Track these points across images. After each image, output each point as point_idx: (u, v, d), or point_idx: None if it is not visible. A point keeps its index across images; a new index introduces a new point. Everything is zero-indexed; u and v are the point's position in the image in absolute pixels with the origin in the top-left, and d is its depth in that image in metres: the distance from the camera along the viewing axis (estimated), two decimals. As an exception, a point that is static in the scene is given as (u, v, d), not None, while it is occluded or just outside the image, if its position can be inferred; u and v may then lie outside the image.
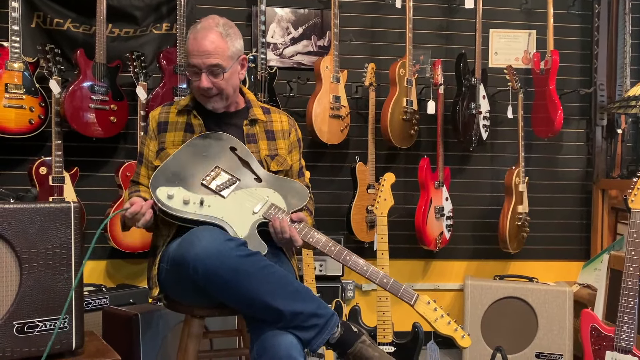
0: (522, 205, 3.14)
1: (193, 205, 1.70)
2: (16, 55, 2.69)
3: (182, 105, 1.90)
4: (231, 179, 1.79)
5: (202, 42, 1.75)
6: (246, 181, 1.80)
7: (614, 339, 2.19)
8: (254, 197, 1.77)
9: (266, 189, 1.80)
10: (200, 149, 1.81)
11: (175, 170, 1.76)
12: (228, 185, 1.78)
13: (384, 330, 2.53)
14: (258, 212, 1.74)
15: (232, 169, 1.81)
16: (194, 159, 1.80)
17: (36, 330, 1.69)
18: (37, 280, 1.69)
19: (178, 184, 1.74)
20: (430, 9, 3.31)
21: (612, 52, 3.29)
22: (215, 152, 1.82)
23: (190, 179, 1.76)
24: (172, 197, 1.70)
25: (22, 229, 1.67)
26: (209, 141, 1.84)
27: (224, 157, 1.82)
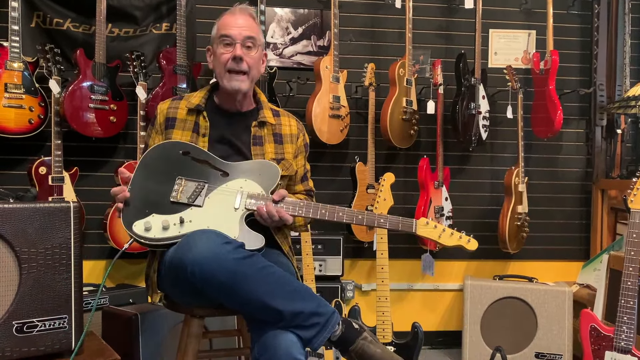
0: (521, 205, 3.14)
1: (174, 227, 1.67)
2: (16, 55, 2.69)
3: (193, 104, 1.86)
4: (199, 185, 1.74)
5: (240, 16, 1.81)
6: (214, 181, 1.75)
7: (614, 339, 2.19)
8: (228, 194, 1.73)
9: (236, 181, 1.76)
10: (154, 167, 1.75)
11: (141, 198, 1.70)
12: (199, 193, 1.72)
13: (384, 330, 2.53)
14: (239, 207, 1.71)
15: (195, 174, 1.75)
16: (153, 179, 1.73)
17: (35, 330, 1.68)
18: (36, 280, 1.68)
19: (150, 212, 1.69)
20: (430, 9, 3.31)
21: (612, 52, 3.30)
22: (170, 164, 1.75)
23: (160, 201, 1.70)
24: (150, 229, 1.66)
25: (21, 228, 1.67)
26: (157, 155, 1.77)
27: (181, 165, 1.75)
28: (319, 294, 2.79)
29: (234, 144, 1.86)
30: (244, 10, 1.85)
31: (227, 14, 1.84)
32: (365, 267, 3.32)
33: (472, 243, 1.79)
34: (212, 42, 1.86)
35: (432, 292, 3.39)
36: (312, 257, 2.75)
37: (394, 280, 3.21)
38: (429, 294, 3.39)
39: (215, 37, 1.83)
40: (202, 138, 1.84)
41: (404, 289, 3.36)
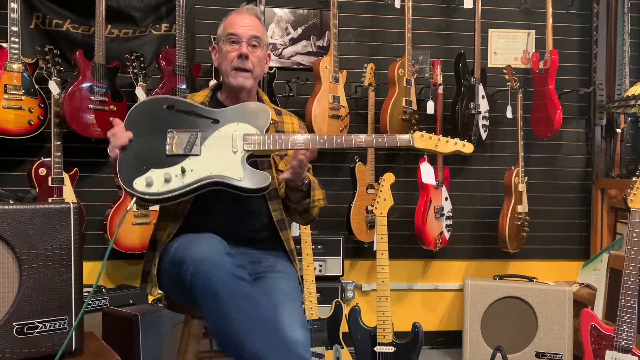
0: (521, 205, 3.14)
1: (176, 178, 1.62)
2: (15, 56, 2.69)
3: (196, 102, 1.85)
4: (192, 134, 1.69)
5: (246, 16, 1.84)
6: (205, 128, 1.71)
7: (614, 338, 2.19)
8: (223, 139, 1.69)
9: (229, 125, 1.72)
10: (141, 124, 1.70)
11: (135, 156, 1.65)
12: (193, 142, 1.68)
13: (384, 330, 2.53)
14: (237, 149, 1.68)
15: (185, 124, 1.70)
16: (143, 135, 1.68)
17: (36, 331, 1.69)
18: (36, 281, 1.69)
19: (147, 168, 1.63)
20: (429, 9, 3.31)
21: (611, 52, 3.30)
22: (156, 119, 1.71)
23: (156, 156, 1.65)
24: (152, 183, 1.61)
25: (21, 229, 1.67)
26: (142, 112, 1.73)
27: (169, 119, 1.71)
28: (319, 294, 2.83)
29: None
30: (251, 10, 1.88)
31: (233, 13, 1.87)
32: (365, 267, 3.32)
33: (467, 146, 1.81)
34: (218, 40, 1.88)
35: (433, 292, 3.39)
36: (312, 257, 2.75)
37: (394, 281, 3.21)
38: (429, 294, 3.39)
39: (222, 35, 1.85)
40: None
41: (404, 289, 3.36)
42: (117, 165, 1.62)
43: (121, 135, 1.64)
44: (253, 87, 1.89)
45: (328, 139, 1.69)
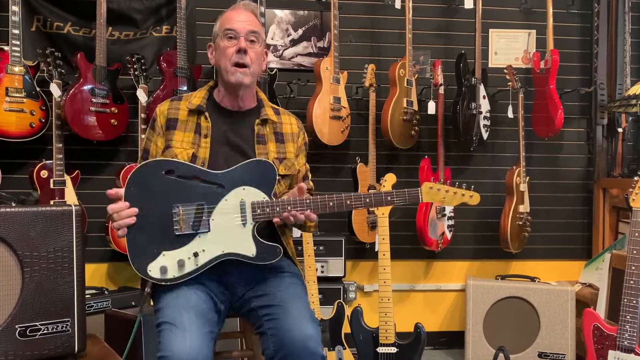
0: (523, 204, 3.14)
1: (189, 261, 1.63)
2: (16, 59, 2.70)
3: (194, 105, 1.82)
4: (198, 208, 1.65)
5: (243, 11, 1.82)
6: (211, 199, 1.66)
7: (617, 338, 2.19)
8: (231, 210, 1.66)
9: (234, 192, 1.68)
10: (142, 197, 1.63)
11: (145, 239, 1.62)
12: (201, 217, 1.64)
13: (386, 331, 2.53)
14: (247, 222, 1.66)
15: (189, 196, 1.65)
16: (147, 211, 1.63)
17: (38, 333, 1.69)
18: (39, 283, 1.69)
19: (158, 251, 1.62)
20: (430, 9, 3.31)
21: (612, 51, 3.29)
22: (158, 190, 1.64)
23: (164, 237, 1.63)
24: (167, 270, 1.61)
25: (23, 232, 1.67)
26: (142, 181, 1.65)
27: (171, 189, 1.65)
28: (321, 295, 2.83)
29: (237, 144, 1.82)
30: (247, 5, 1.86)
31: (230, 10, 1.85)
32: (367, 268, 3.32)
33: (474, 198, 1.83)
34: (215, 37, 1.84)
35: (435, 293, 3.39)
36: (314, 258, 2.75)
37: (396, 281, 3.21)
38: (431, 295, 3.39)
39: (219, 32, 1.82)
40: (205, 139, 1.80)
41: (406, 290, 3.36)
42: (127, 247, 1.61)
43: (127, 214, 1.60)
44: (252, 85, 1.85)
45: (337, 202, 1.71)
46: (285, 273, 1.78)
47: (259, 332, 1.67)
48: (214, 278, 1.71)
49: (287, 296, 1.67)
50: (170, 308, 1.59)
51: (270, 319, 1.63)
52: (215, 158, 1.78)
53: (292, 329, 1.57)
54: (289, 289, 1.70)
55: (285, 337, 1.57)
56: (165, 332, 1.54)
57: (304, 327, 1.57)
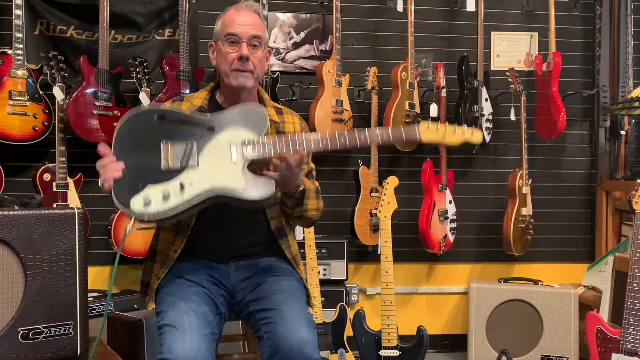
0: (525, 207, 3.14)
1: (175, 194, 1.53)
2: (20, 62, 2.71)
3: (195, 106, 1.80)
4: (187, 145, 1.59)
5: (246, 13, 1.76)
6: (201, 137, 1.61)
7: (620, 341, 2.18)
8: (221, 148, 1.60)
9: (225, 132, 1.62)
10: (132, 138, 1.60)
11: (129, 173, 1.55)
12: (190, 153, 1.58)
13: (389, 334, 2.52)
14: (236, 158, 1.59)
15: (178, 135, 1.61)
16: (136, 150, 1.59)
17: (41, 336, 1.69)
18: (41, 286, 1.69)
19: (143, 184, 1.55)
20: (432, 12, 3.31)
21: (615, 54, 3.29)
22: (149, 131, 1.61)
23: (151, 172, 1.56)
24: (150, 202, 1.52)
25: (26, 235, 1.68)
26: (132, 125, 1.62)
27: (162, 131, 1.61)
28: (323, 298, 2.82)
29: None
30: (251, 6, 1.81)
31: (232, 10, 1.79)
32: (369, 270, 3.31)
33: (475, 134, 1.71)
34: (216, 38, 1.80)
35: (437, 296, 3.38)
36: (316, 261, 2.75)
37: (398, 284, 3.20)
38: (434, 297, 3.39)
39: (220, 34, 1.77)
40: None
41: (408, 293, 3.35)
42: (112, 190, 1.54)
43: (112, 167, 1.55)
44: (254, 87, 1.83)
45: (331, 138, 1.61)
46: (284, 276, 1.76)
47: (257, 335, 1.66)
48: (214, 281, 1.71)
49: (283, 300, 1.66)
50: (171, 311, 1.59)
51: (266, 322, 1.62)
52: None
53: (288, 334, 1.56)
54: (286, 293, 1.69)
55: (280, 341, 1.56)
56: (166, 334, 1.54)
57: (299, 331, 1.56)
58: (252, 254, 1.79)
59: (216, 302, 1.68)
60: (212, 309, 1.66)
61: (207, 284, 1.69)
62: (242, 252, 1.78)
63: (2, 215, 1.66)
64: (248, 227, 1.78)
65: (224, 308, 1.71)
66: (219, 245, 1.75)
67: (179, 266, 1.73)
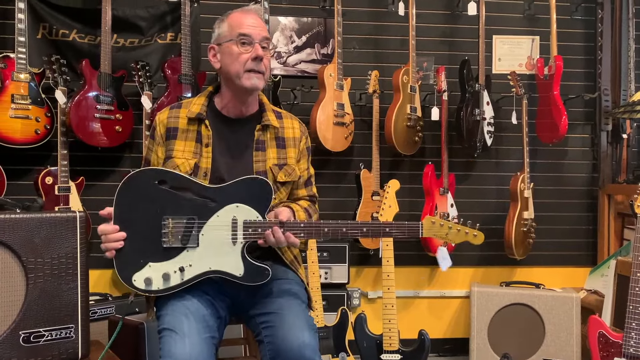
0: (527, 211, 3.13)
1: (175, 275, 1.61)
2: (22, 66, 2.72)
3: (193, 113, 1.78)
4: (188, 222, 1.61)
5: (254, 16, 1.77)
6: (202, 213, 1.62)
7: (622, 345, 2.18)
8: (222, 227, 1.62)
9: (227, 208, 1.63)
10: (133, 206, 1.62)
11: (130, 246, 1.60)
12: (190, 231, 1.61)
13: (390, 338, 2.52)
14: (237, 240, 1.62)
15: (180, 208, 1.61)
16: (137, 221, 1.61)
17: (42, 340, 1.69)
18: (43, 289, 1.69)
19: (145, 262, 1.60)
20: (433, 16, 3.32)
21: (616, 57, 3.29)
22: (149, 200, 1.61)
23: (152, 248, 1.61)
24: (151, 282, 1.60)
25: (28, 238, 1.68)
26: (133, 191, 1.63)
27: (162, 200, 1.61)
28: (325, 301, 2.82)
29: (238, 154, 1.80)
30: (257, 11, 1.82)
31: (238, 12, 1.78)
32: (371, 274, 3.31)
33: (478, 237, 1.77)
34: (221, 40, 1.76)
35: (439, 299, 3.38)
36: (317, 264, 2.75)
37: (400, 288, 3.20)
38: (436, 301, 3.38)
39: (229, 35, 1.74)
40: (206, 148, 1.77)
41: (410, 296, 3.35)
42: (114, 260, 1.62)
43: (114, 238, 1.60)
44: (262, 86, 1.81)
45: (332, 229, 1.65)
46: (285, 280, 1.76)
47: (257, 339, 1.66)
48: (214, 285, 1.71)
49: (284, 303, 1.66)
50: (171, 315, 1.60)
51: (267, 326, 1.63)
52: (217, 168, 1.75)
53: (288, 337, 1.56)
54: (286, 296, 1.69)
55: (281, 345, 1.56)
56: (165, 338, 1.54)
57: (300, 334, 1.56)
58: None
59: (216, 306, 1.68)
60: (212, 312, 1.66)
61: (207, 288, 1.69)
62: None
63: (3, 219, 1.66)
64: None
65: (224, 312, 1.71)
66: None
67: None
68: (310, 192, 1.93)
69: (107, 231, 1.61)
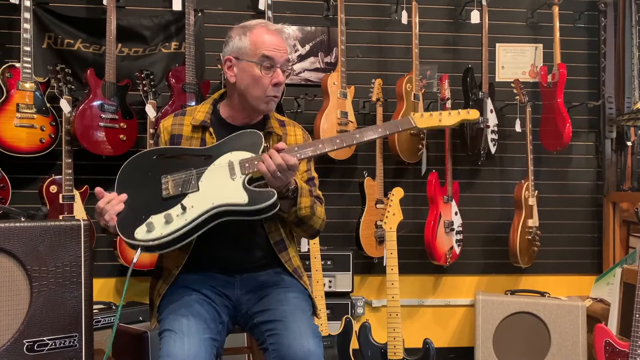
0: (532, 219, 3.12)
1: (177, 217, 1.55)
2: (28, 75, 2.73)
3: (198, 121, 1.78)
4: (187, 174, 1.63)
5: (279, 37, 1.74)
6: (200, 165, 1.65)
7: (629, 354, 2.16)
8: (220, 169, 1.63)
9: (222, 157, 1.65)
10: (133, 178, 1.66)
11: (133, 208, 1.59)
12: (189, 180, 1.62)
13: (395, 347, 2.50)
14: (236, 175, 1.61)
15: (178, 168, 1.65)
16: (137, 188, 1.64)
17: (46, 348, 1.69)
18: (47, 298, 1.69)
19: (147, 216, 1.57)
20: (436, 24, 3.33)
21: (620, 65, 3.29)
22: (148, 169, 1.66)
23: (153, 203, 1.60)
24: (153, 229, 1.54)
25: (32, 247, 1.68)
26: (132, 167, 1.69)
27: (160, 166, 1.66)
28: (329, 310, 2.81)
29: None
30: (283, 31, 1.78)
31: (263, 29, 1.74)
32: (375, 282, 3.30)
33: (472, 112, 1.72)
34: (243, 57, 1.73)
35: (443, 308, 3.36)
36: (321, 273, 2.74)
37: (404, 296, 3.19)
38: (440, 310, 3.36)
39: (251, 54, 1.71)
40: None
41: (414, 305, 3.33)
42: (117, 223, 1.57)
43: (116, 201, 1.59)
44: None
45: (327, 142, 1.64)
46: (289, 288, 1.76)
47: (262, 347, 1.66)
48: (217, 291, 1.71)
49: (289, 311, 1.65)
50: (172, 316, 1.60)
51: (271, 334, 1.62)
52: None
53: (293, 345, 1.55)
54: (291, 304, 1.68)
55: (286, 353, 1.56)
56: (165, 338, 1.55)
57: (305, 342, 1.56)
58: (255, 267, 1.79)
59: (218, 311, 1.68)
60: (214, 316, 1.66)
61: (209, 293, 1.69)
62: (246, 266, 1.77)
63: (8, 227, 1.66)
64: (248, 241, 1.78)
65: (226, 317, 1.71)
66: (222, 259, 1.75)
67: (183, 277, 1.74)
68: (315, 193, 1.92)
69: (106, 199, 1.59)
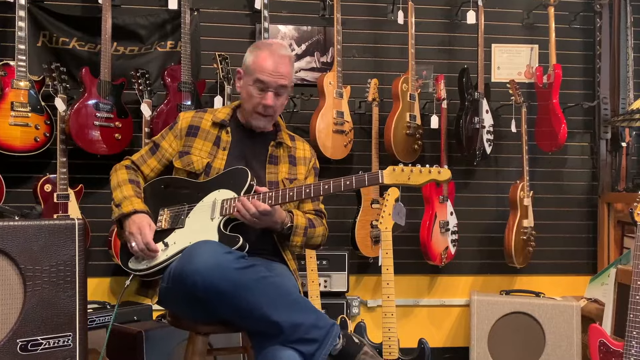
0: (527, 219, 3.13)
1: (161, 252, 1.75)
2: (22, 73, 2.72)
3: (219, 118, 1.93)
4: (180, 209, 1.83)
5: (279, 62, 1.84)
6: (192, 201, 1.83)
7: (623, 354, 2.16)
8: (205, 208, 1.80)
9: (211, 194, 1.82)
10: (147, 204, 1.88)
11: None
12: (179, 216, 1.81)
13: (390, 346, 2.51)
14: (215, 216, 1.77)
15: (176, 200, 1.85)
16: None
17: (40, 348, 1.68)
18: (41, 297, 1.68)
19: None
20: (432, 24, 3.33)
21: (615, 66, 3.30)
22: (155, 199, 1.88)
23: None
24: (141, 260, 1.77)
25: (26, 246, 1.67)
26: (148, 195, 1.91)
27: (164, 198, 1.87)
28: (324, 310, 2.81)
29: (251, 162, 1.91)
30: (285, 50, 1.89)
31: (266, 52, 1.85)
32: (370, 282, 3.30)
33: (443, 173, 1.71)
34: (245, 73, 1.89)
35: (439, 308, 3.36)
36: (317, 272, 2.74)
37: (399, 296, 3.19)
38: (435, 310, 3.37)
39: (250, 73, 1.86)
40: (222, 151, 1.90)
41: (410, 305, 3.33)
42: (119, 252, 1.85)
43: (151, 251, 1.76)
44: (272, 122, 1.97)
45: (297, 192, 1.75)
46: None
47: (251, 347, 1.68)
48: None
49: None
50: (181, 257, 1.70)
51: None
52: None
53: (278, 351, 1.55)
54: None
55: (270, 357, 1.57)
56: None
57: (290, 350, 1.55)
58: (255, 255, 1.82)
59: None
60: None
61: None
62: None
63: (2, 226, 1.66)
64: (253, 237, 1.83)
65: None
66: None
67: None
68: (317, 207, 2.03)
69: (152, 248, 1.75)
